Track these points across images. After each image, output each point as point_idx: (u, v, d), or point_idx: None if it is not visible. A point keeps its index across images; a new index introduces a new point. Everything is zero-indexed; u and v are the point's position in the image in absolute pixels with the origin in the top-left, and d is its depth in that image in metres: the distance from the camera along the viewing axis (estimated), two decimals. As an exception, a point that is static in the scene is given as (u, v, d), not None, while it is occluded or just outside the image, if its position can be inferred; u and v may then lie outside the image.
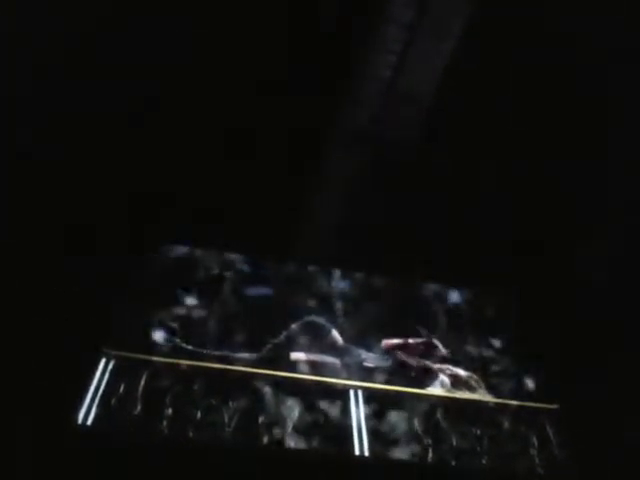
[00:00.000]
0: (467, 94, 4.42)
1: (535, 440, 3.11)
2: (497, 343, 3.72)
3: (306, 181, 4.32)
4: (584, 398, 3.31)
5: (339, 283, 3.86)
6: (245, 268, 3.82)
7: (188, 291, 3.55)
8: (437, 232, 4.12)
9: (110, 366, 3.03)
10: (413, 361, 3.37)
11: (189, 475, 2.67)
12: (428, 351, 3.44)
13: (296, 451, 2.83)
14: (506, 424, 3.16)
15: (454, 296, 4.01)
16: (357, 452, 2.88)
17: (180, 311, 3.43)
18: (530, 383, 3.50)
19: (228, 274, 3.73)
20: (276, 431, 2.89)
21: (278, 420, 2.94)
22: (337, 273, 3.92)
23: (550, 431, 3.18)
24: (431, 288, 4.02)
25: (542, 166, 4.42)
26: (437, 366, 3.38)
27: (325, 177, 4.53)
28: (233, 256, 3.86)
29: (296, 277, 3.84)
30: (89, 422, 2.79)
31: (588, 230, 4.41)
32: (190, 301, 3.51)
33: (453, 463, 2.90)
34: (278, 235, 4.01)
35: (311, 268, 3.91)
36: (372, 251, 4.04)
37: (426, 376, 3.31)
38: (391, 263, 4.06)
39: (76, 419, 2.77)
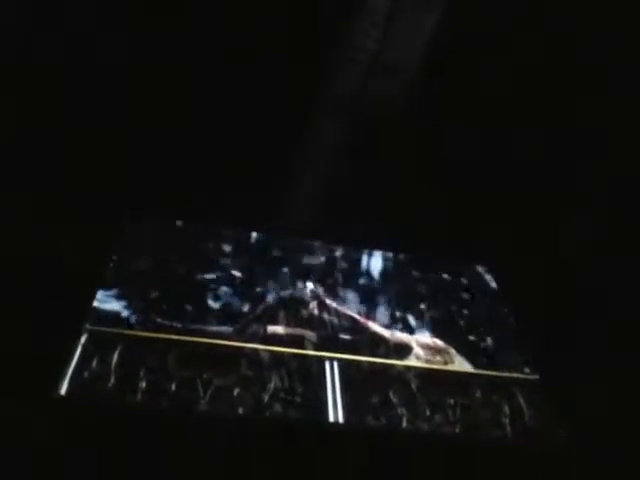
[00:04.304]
0: (452, 66, 4.36)
1: (508, 410, 3.15)
2: (476, 312, 3.75)
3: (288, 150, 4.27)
4: (563, 369, 3.36)
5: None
6: (224, 240, 3.78)
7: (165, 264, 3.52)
8: (418, 203, 4.11)
9: (83, 340, 3.00)
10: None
11: (164, 446, 2.67)
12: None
13: (273, 420, 2.84)
14: (479, 393, 3.20)
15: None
16: (332, 419, 2.91)
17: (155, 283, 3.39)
18: (509, 352, 3.52)
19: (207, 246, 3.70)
20: (252, 402, 2.89)
21: (254, 392, 2.93)
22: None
23: (524, 402, 3.22)
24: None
25: (529, 138, 4.40)
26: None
27: (307, 146, 4.49)
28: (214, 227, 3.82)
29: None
30: (62, 393, 2.77)
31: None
32: (166, 273, 3.48)
33: (426, 429, 2.93)
34: (259, 206, 3.98)
35: (290, 240, 3.88)
36: (354, 222, 4.03)
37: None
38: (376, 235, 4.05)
39: (52, 390, 2.74)
